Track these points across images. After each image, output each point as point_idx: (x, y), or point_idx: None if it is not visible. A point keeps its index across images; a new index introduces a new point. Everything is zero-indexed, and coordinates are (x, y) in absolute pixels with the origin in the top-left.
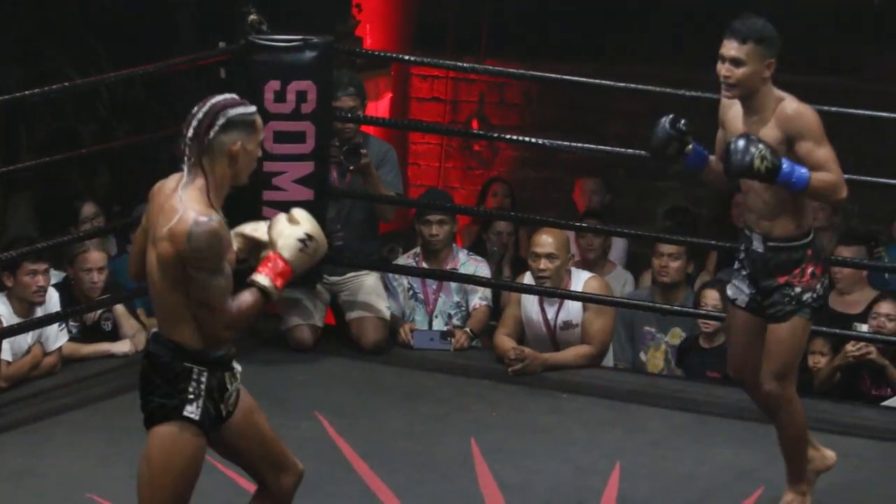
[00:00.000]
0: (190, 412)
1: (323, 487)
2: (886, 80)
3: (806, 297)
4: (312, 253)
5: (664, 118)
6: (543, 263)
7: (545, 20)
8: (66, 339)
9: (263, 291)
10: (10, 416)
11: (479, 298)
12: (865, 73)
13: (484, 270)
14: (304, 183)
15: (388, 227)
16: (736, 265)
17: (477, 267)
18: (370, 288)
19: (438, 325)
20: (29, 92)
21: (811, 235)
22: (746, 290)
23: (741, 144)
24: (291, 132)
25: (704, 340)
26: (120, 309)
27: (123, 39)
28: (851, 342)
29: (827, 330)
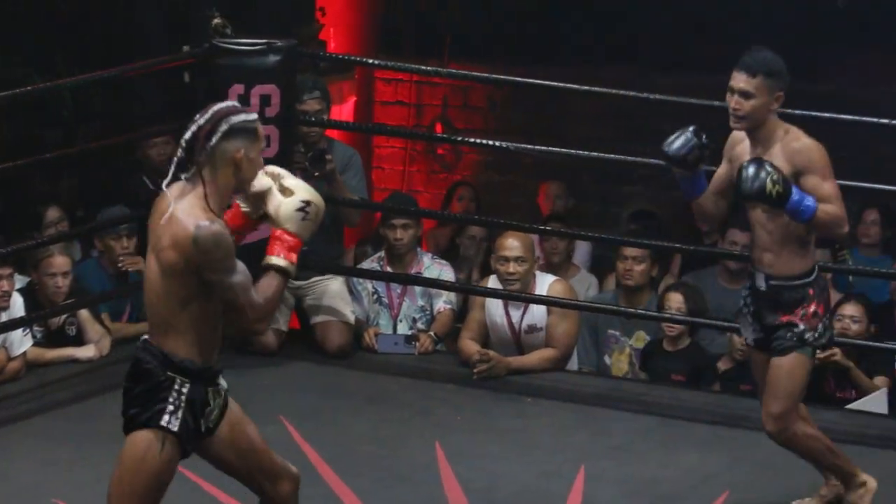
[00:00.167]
0: (166, 422)
1: None
2: (842, 81)
3: (808, 335)
4: (314, 217)
5: (688, 127)
6: (513, 267)
7: (510, 24)
8: (30, 343)
9: (281, 271)
10: None
11: (443, 302)
12: (821, 74)
13: (448, 274)
14: None
15: (355, 232)
16: (741, 303)
17: (441, 271)
18: (335, 292)
19: (403, 329)
20: None
21: (814, 274)
22: (751, 328)
23: (753, 168)
24: None
25: (668, 343)
26: (84, 314)
27: (88, 44)
28: None
29: None
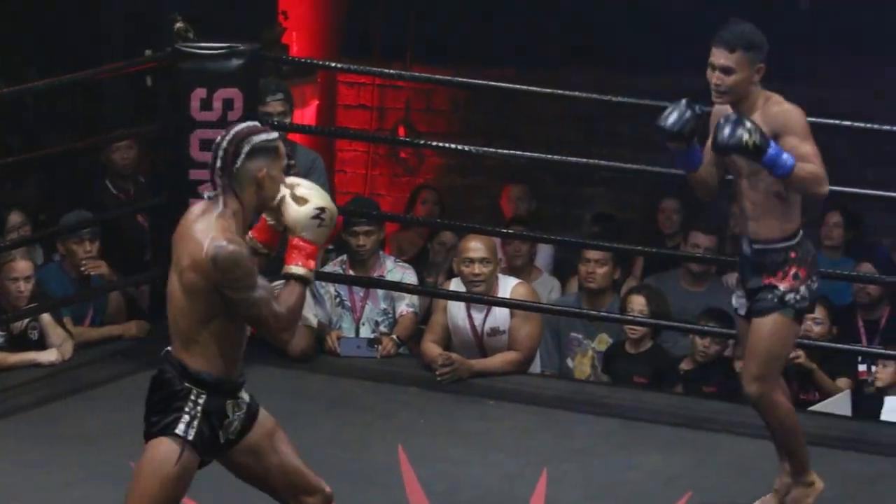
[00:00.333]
0: (182, 431)
1: (249, 495)
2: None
3: (788, 297)
4: (329, 223)
5: (681, 100)
6: (478, 268)
7: (473, 27)
8: None
9: (301, 279)
10: None
11: (405, 305)
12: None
13: (411, 277)
14: None
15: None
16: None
17: (404, 274)
18: None
19: (365, 332)
20: None
21: (796, 238)
22: (742, 296)
23: (731, 121)
24: None
25: (631, 346)
26: (47, 318)
27: (52, 48)
28: None
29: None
